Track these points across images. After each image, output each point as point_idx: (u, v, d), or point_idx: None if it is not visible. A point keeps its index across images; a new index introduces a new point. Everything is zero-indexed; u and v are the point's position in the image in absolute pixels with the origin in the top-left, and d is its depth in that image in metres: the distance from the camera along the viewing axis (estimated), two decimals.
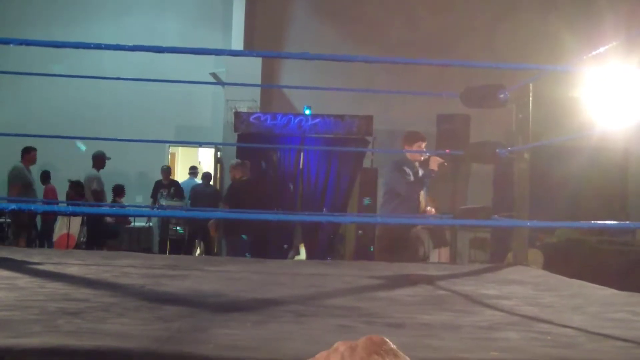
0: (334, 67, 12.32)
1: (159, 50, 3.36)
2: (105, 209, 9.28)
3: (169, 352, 1.81)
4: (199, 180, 13.09)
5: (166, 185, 12.37)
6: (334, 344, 0.71)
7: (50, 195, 11.96)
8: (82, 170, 11.97)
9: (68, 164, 12.54)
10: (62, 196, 11.59)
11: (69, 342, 1.83)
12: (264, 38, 14.12)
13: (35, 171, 11.91)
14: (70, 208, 7.64)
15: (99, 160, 11.59)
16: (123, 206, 11.49)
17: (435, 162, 6.54)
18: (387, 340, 0.70)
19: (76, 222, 10.74)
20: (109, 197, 11.98)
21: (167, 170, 12.72)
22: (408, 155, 6.50)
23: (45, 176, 12.53)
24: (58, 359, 1.67)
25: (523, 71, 5.72)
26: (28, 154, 11.27)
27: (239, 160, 10.95)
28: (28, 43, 3.35)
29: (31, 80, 13.73)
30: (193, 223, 11.66)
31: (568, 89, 10.50)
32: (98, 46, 3.18)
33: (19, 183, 10.92)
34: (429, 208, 6.50)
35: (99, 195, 11.29)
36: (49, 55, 11.89)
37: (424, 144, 6.56)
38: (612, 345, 2.14)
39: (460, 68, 10.17)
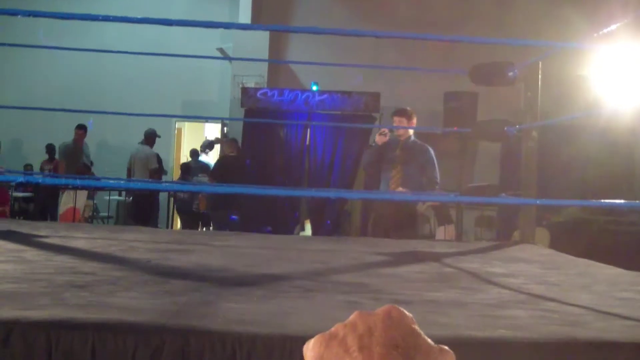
0: (342, 44, 12.26)
1: (166, 22, 3.35)
2: (113, 183, 9.26)
3: (176, 326, 1.81)
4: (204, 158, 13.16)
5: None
6: (340, 319, 0.70)
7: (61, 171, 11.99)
8: (88, 144, 12.02)
9: (72, 138, 12.54)
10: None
11: (77, 315, 1.83)
12: (271, 14, 14.04)
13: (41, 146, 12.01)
14: (79, 182, 7.67)
15: (151, 138, 11.65)
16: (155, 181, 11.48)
17: (377, 136, 6.55)
18: (406, 313, 0.69)
19: (82, 196, 10.77)
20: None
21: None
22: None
23: (51, 150, 12.59)
24: (66, 332, 1.67)
25: (532, 50, 5.67)
26: (80, 130, 11.41)
27: (230, 137, 11.05)
28: (35, 14, 3.34)
29: (36, 56, 13.69)
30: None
31: (577, 67, 10.44)
32: (106, 18, 3.17)
33: (64, 160, 11.15)
34: (400, 189, 6.41)
35: (160, 174, 11.39)
36: (55, 31, 11.87)
37: (397, 119, 6.54)
38: (619, 324, 2.13)
39: (468, 46, 10.12)
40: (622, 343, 1.82)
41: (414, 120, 6.56)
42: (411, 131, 6.53)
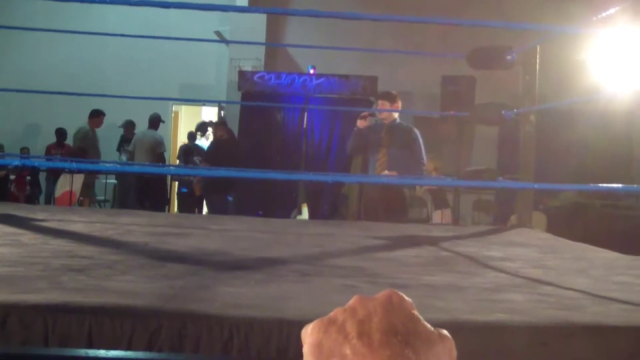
0: (340, 27, 12.20)
1: (164, 5, 3.33)
2: (108, 166, 9.26)
3: (174, 309, 1.80)
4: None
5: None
6: (337, 303, 0.70)
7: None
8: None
9: (70, 122, 12.49)
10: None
11: (74, 299, 1.82)
12: None
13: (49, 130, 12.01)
14: (75, 165, 7.65)
15: (157, 122, 11.66)
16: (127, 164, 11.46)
17: (359, 120, 6.54)
18: (406, 298, 0.69)
19: (78, 180, 10.76)
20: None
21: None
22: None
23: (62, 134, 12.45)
24: (62, 316, 1.67)
25: (530, 34, 5.65)
26: (97, 117, 11.36)
27: (219, 121, 11.02)
28: None
29: (35, 40, 13.62)
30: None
31: (575, 51, 10.39)
32: (103, 0, 3.15)
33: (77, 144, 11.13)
34: (385, 172, 6.37)
35: (164, 159, 11.41)
36: (53, 14, 11.81)
37: (381, 102, 6.54)
38: (615, 308, 2.14)
39: (467, 30, 10.07)
40: (618, 327, 1.82)
41: (399, 104, 6.52)
42: (396, 114, 6.50)
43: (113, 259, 2.82)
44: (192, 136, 13.45)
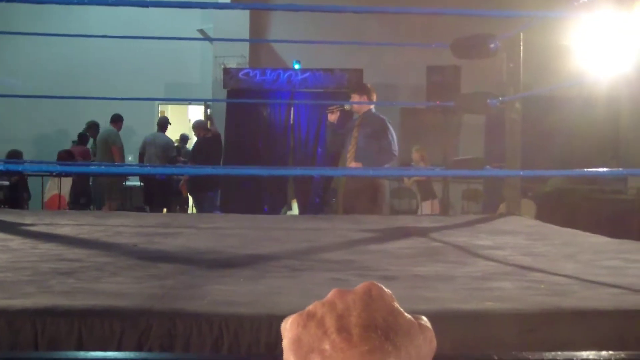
0: (323, 20, 12.19)
1: (142, 4, 3.31)
2: (94, 168, 9.22)
3: (163, 309, 1.80)
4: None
5: None
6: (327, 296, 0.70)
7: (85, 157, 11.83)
8: (71, 128, 11.92)
9: (54, 124, 12.45)
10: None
11: (63, 302, 1.82)
12: None
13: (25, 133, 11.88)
14: (59, 168, 7.61)
15: (165, 126, 11.66)
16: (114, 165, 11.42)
17: (328, 115, 6.52)
18: (385, 290, 0.68)
19: (67, 183, 10.72)
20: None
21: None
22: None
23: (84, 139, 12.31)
24: (52, 319, 1.66)
25: (514, 21, 5.66)
26: (120, 121, 11.28)
27: (200, 119, 11.04)
28: (10, 0, 3.29)
29: (17, 42, 13.56)
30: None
31: (559, 37, 10.41)
32: (81, 1, 3.13)
33: (119, 145, 11.01)
34: (353, 164, 6.31)
35: (175, 162, 11.38)
36: (34, 16, 11.74)
37: (354, 96, 6.52)
38: (605, 292, 2.15)
39: (451, 19, 10.06)
40: (607, 311, 1.83)
41: (373, 95, 6.48)
42: (371, 105, 6.47)
43: (102, 261, 2.81)
44: (183, 139, 13.44)
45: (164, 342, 1.64)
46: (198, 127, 11.08)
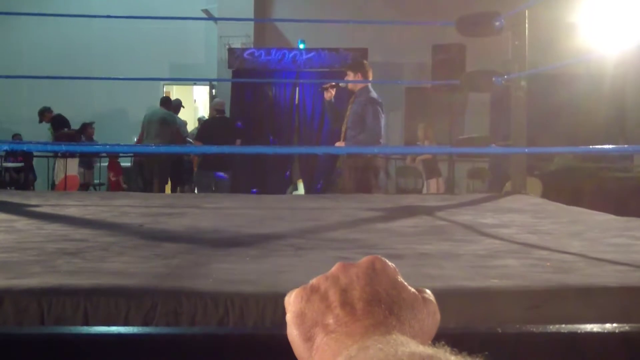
0: None
1: None
2: (98, 147, 9.23)
3: (168, 287, 1.81)
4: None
5: None
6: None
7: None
8: (75, 110, 11.92)
9: (59, 105, 12.44)
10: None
11: (68, 282, 1.82)
12: None
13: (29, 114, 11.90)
14: (64, 147, 7.61)
15: (178, 108, 11.72)
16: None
17: (325, 93, 6.48)
18: (389, 264, 0.68)
19: (73, 163, 10.74)
20: None
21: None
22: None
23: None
24: (57, 298, 1.67)
25: None
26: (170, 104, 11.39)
27: (219, 100, 11.07)
28: None
29: (22, 23, 13.54)
30: None
31: (565, 14, 10.36)
32: None
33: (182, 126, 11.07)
34: (338, 143, 6.32)
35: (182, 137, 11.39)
36: None
37: (348, 73, 6.47)
38: (611, 269, 2.14)
39: None
40: (613, 287, 1.83)
41: (369, 73, 6.39)
42: (367, 84, 6.40)
43: (108, 241, 2.82)
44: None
45: (169, 320, 1.65)
46: (214, 106, 11.06)
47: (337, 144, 6.23)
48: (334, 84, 6.52)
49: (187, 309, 1.66)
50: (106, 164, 12.81)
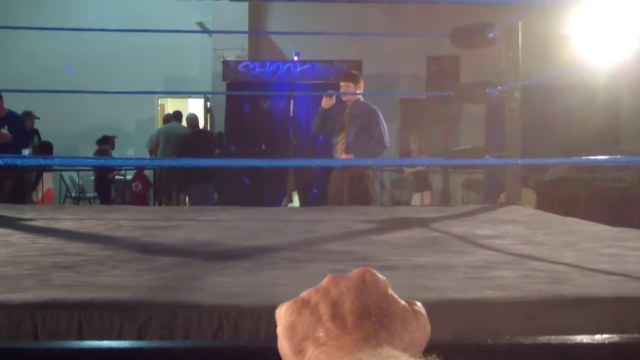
0: (322, 10, 12.18)
1: None
2: (92, 161, 9.23)
3: (163, 301, 1.80)
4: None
5: None
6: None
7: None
8: (70, 123, 11.91)
9: (53, 118, 12.44)
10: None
11: (63, 295, 1.82)
12: None
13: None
14: (57, 161, 7.61)
15: (177, 116, 11.82)
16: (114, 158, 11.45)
17: (324, 99, 6.47)
18: (379, 277, 0.68)
19: (48, 177, 10.76)
20: None
21: None
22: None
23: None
24: (51, 312, 1.66)
25: (513, 9, 5.65)
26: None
27: (192, 114, 11.20)
28: None
29: (15, 36, 13.55)
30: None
31: (558, 25, 10.40)
32: None
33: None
34: (344, 155, 6.25)
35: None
36: (33, 9, 11.72)
37: (344, 84, 6.43)
38: (604, 280, 2.15)
39: (450, 8, 10.06)
40: (606, 298, 1.84)
41: (362, 84, 6.42)
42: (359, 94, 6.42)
43: (102, 255, 2.81)
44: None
45: (164, 333, 1.65)
46: (187, 122, 11.21)
47: (344, 155, 6.19)
48: (334, 96, 6.52)
49: (182, 322, 1.66)
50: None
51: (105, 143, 12.05)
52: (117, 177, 12.15)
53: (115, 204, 9.31)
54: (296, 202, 12.03)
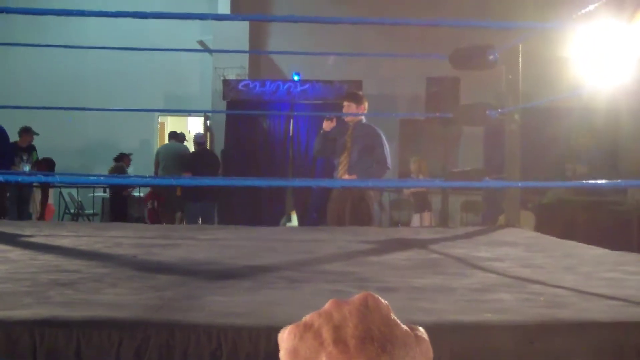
0: (323, 30, 12.22)
1: (142, 15, 3.31)
2: (95, 179, 9.25)
3: (161, 320, 1.80)
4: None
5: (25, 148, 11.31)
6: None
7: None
8: (70, 140, 11.92)
9: (53, 135, 12.45)
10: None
11: (61, 313, 1.82)
12: (250, 4, 13.97)
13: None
14: (59, 178, 7.62)
15: (176, 136, 12.04)
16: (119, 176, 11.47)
17: (325, 122, 6.46)
18: (382, 301, 0.68)
19: (38, 194, 10.78)
20: None
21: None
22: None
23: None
24: (50, 330, 1.66)
25: (513, 32, 5.68)
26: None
27: (199, 132, 11.25)
28: (9, 11, 3.30)
29: (15, 53, 13.60)
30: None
31: (558, 48, 10.45)
32: (81, 13, 3.14)
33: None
34: (346, 176, 6.22)
35: None
36: (33, 27, 11.76)
37: (347, 104, 6.38)
38: (604, 304, 2.14)
39: (450, 30, 10.10)
40: (606, 323, 1.83)
41: (365, 104, 6.41)
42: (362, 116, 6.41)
43: (101, 272, 2.81)
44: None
45: (162, 353, 1.64)
46: (194, 140, 11.26)
47: (346, 176, 6.18)
48: (338, 117, 6.50)
49: (180, 342, 1.65)
50: (100, 193, 12.82)
51: (121, 160, 12.10)
52: (131, 194, 12.22)
53: (130, 222, 9.29)
54: (295, 221, 12.02)
